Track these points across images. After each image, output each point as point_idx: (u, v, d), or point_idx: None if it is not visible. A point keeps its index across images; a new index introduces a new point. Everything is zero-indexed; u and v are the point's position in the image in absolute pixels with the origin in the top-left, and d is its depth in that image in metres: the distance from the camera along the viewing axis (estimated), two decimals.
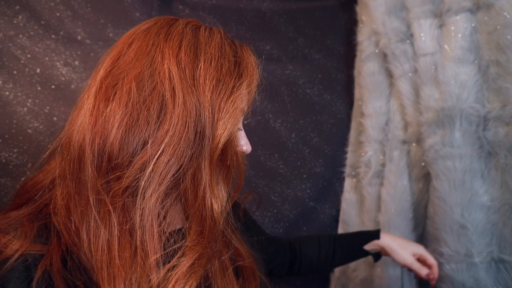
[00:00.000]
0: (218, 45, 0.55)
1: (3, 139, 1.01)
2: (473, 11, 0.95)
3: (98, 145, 0.49)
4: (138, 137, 0.48)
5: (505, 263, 0.90)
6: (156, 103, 0.49)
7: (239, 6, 1.25)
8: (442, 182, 0.97)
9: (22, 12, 1.03)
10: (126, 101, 0.49)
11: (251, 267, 0.65)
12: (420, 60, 1.04)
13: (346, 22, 1.34)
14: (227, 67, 0.53)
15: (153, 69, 0.50)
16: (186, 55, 0.51)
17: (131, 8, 1.14)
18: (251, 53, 0.59)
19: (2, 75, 1.01)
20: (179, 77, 0.50)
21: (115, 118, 0.48)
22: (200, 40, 0.54)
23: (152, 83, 0.49)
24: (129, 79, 0.50)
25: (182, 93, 0.49)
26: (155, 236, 0.48)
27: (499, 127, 0.90)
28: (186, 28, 0.55)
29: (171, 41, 0.52)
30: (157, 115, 0.48)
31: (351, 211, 1.27)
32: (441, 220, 0.97)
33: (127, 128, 0.48)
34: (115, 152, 0.48)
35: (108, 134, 0.48)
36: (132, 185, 0.48)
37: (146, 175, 0.47)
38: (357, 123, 1.29)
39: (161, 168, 0.48)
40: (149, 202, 0.48)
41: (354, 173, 1.28)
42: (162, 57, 0.51)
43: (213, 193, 0.51)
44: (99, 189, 0.48)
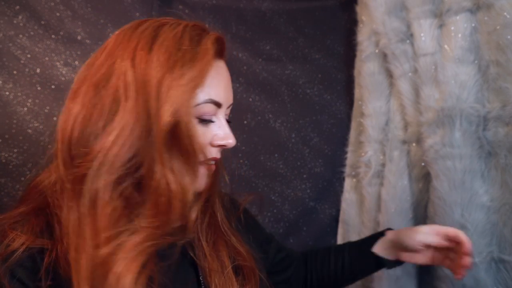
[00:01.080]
0: (175, 36, 0.56)
1: (3, 139, 1.01)
2: (473, 11, 0.95)
3: (63, 141, 0.54)
4: (92, 131, 0.52)
5: (505, 263, 0.89)
6: (110, 100, 0.53)
7: (239, 6, 1.25)
8: (442, 182, 0.97)
9: (22, 12, 1.03)
10: (83, 101, 0.54)
11: (250, 266, 0.65)
12: (420, 60, 1.04)
13: (346, 22, 1.34)
14: (178, 56, 0.54)
15: (112, 69, 0.54)
16: (141, 50, 0.54)
17: (131, 8, 1.14)
18: (213, 41, 0.59)
19: (2, 75, 1.01)
20: (132, 72, 0.53)
21: (74, 115, 0.54)
22: (158, 34, 0.56)
23: (109, 82, 0.53)
24: (90, 81, 0.54)
25: (134, 87, 0.52)
26: (106, 218, 0.51)
27: (499, 127, 0.90)
28: (150, 26, 0.57)
29: (130, 41, 0.55)
30: (109, 110, 0.52)
31: (351, 211, 1.27)
32: (441, 220, 0.97)
33: (83, 123, 0.53)
34: (73, 145, 0.53)
35: (71, 130, 0.53)
36: (85, 173, 0.51)
37: (96, 165, 0.51)
38: (357, 123, 1.29)
39: (110, 158, 0.51)
40: (99, 188, 0.51)
41: (354, 173, 1.28)
42: (122, 56, 0.54)
43: (170, 180, 0.53)
44: (64, 179, 0.53)
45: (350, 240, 1.27)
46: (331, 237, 1.32)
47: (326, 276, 0.84)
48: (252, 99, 1.26)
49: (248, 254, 0.67)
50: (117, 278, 0.49)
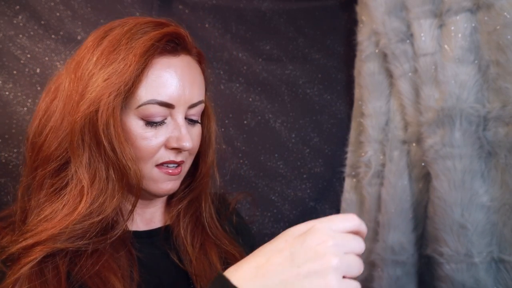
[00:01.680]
0: (120, 33, 0.56)
1: (3, 139, 1.01)
2: (473, 11, 0.95)
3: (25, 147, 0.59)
4: (38, 126, 0.57)
5: (505, 263, 0.89)
6: (54, 96, 0.57)
7: (239, 6, 1.25)
8: (442, 182, 0.97)
9: (22, 12, 1.03)
10: (41, 103, 0.60)
11: None
12: (420, 60, 1.04)
13: (346, 22, 1.34)
14: (114, 51, 0.54)
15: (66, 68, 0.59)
16: (90, 47, 0.56)
17: (131, 8, 1.14)
18: (159, 37, 0.56)
19: (2, 75, 1.01)
20: (73, 67, 0.57)
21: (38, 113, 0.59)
22: (110, 33, 0.57)
23: (59, 78, 0.59)
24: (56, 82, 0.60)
25: (69, 80, 0.56)
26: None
27: (499, 127, 0.90)
28: (113, 26, 0.59)
29: (91, 42, 0.58)
30: (53, 108, 0.57)
31: (351, 211, 1.27)
32: (441, 220, 0.97)
33: (36, 124, 0.58)
34: (26, 146, 0.59)
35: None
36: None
37: (27, 158, 0.57)
38: (357, 123, 1.29)
39: (41, 150, 0.55)
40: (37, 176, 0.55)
41: (354, 173, 1.28)
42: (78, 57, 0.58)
43: (79, 170, 0.54)
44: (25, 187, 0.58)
45: None
46: None
47: None
48: (252, 99, 1.26)
49: (241, 255, 0.65)
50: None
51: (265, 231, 1.26)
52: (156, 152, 0.57)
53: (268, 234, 1.26)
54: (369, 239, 1.19)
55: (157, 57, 0.55)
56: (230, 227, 0.72)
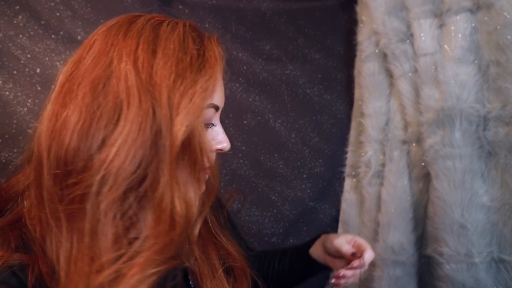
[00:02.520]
0: (179, 39, 0.52)
1: (3, 139, 1.01)
2: (473, 11, 0.95)
3: (54, 152, 0.47)
4: (92, 142, 0.46)
5: (505, 263, 0.89)
6: (111, 106, 0.47)
7: (239, 6, 1.25)
8: (442, 182, 0.97)
9: (22, 12, 1.03)
10: (80, 106, 0.47)
11: (241, 266, 0.64)
12: (420, 60, 1.04)
13: (346, 22, 1.34)
14: (187, 61, 0.50)
15: (110, 71, 0.48)
16: (144, 52, 0.49)
17: (131, 8, 1.14)
18: (216, 44, 0.56)
19: (2, 75, 1.01)
20: (135, 76, 0.48)
21: (70, 124, 0.47)
22: (159, 36, 0.52)
23: (108, 85, 0.48)
24: (85, 84, 0.48)
25: (138, 93, 0.47)
26: (108, 241, 0.46)
27: (499, 127, 0.90)
28: (147, 25, 0.53)
29: (129, 40, 0.50)
30: (111, 118, 0.47)
31: (351, 211, 1.27)
32: (441, 220, 0.97)
33: (81, 134, 0.46)
34: (69, 158, 0.46)
35: (63, 140, 0.47)
36: (86, 191, 0.45)
37: (98, 180, 0.45)
38: (357, 123, 1.29)
39: (113, 172, 0.45)
40: (101, 207, 0.45)
41: (354, 173, 1.28)
42: (119, 57, 0.49)
43: (175, 195, 0.48)
44: (55, 197, 0.47)
45: None
46: None
47: (270, 277, 0.83)
48: (252, 99, 1.26)
49: (239, 254, 0.64)
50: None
51: (265, 231, 1.26)
52: (210, 156, 0.56)
53: (268, 234, 1.26)
54: (369, 239, 1.20)
55: None
56: (227, 223, 0.72)
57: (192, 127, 0.48)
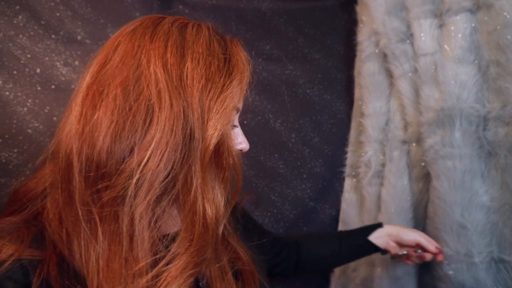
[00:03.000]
0: (205, 43, 0.53)
1: (3, 139, 1.01)
2: (473, 11, 0.95)
3: (85, 154, 0.47)
4: (125, 144, 0.46)
5: (505, 263, 0.89)
6: (142, 109, 0.47)
7: (239, 6, 1.25)
8: (442, 182, 0.97)
9: (22, 12, 1.03)
10: (112, 108, 0.47)
11: (250, 270, 0.64)
12: (420, 60, 1.04)
13: (346, 22, 1.34)
14: (216, 65, 0.51)
15: (139, 73, 0.48)
16: (172, 55, 0.50)
17: (131, 8, 1.14)
18: (241, 48, 0.57)
19: (2, 75, 1.01)
20: (165, 79, 0.48)
21: (102, 126, 0.47)
22: (186, 39, 0.52)
23: (138, 88, 0.48)
24: (115, 85, 0.48)
25: (169, 96, 0.47)
26: (145, 244, 0.47)
27: (499, 127, 0.90)
28: (172, 27, 0.53)
29: (156, 42, 0.50)
30: (143, 121, 0.47)
31: (351, 211, 1.27)
32: (441, 220, 0.97)
33: (114, 136, 0.47)
34: (102, 161, 0.47)
35: (95, 143, 0.47)
36: (121, 194, 0.46)
37: (133, 183, 0.45)
38: (357, 123, 1.29)
39: (148, 175, 0.46)
40: (138, 210, 0.46)
41: (354, 173, 1.28)
42: (148, 59, 0.49)
43: (206, 198, 0.49)
44: (88, 200, 0.47)
45: None
46: None
47: (319, 260, 0.91)
48: (252, 99, 1.26)
49: (248, 258, 0.65)
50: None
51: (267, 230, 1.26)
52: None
53: None
54: None
55: None
56: (238, 225, 0.72)
57: (224, 131, 0.50)
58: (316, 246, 0.92)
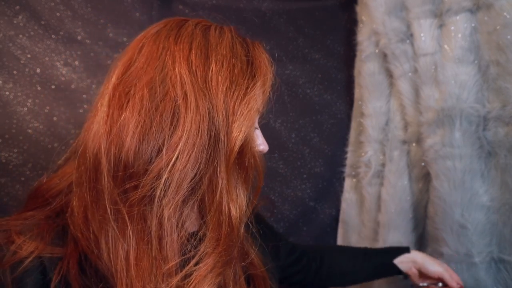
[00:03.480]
0: (229, 45, 0.53)
1: (3, 139, 1.01)
2: (473, 11, 0.95)
3: (113, 154, 0.48)
4: (153, 145, 0.47)
5: (505, 263, 0.89)
6: (169, 109, 0.48)
7: (239, 6, 1.25)
8: (442, 182, 0.97)
9: (22, 12, 1.03)
10: (139, 109, 0.48)
11: (262, 276, 0.64)
12: (420, 60, 1.04)
13: (346, 22, 1.34)
14: (239, 67, 0.52)
15: (164, 74, 0.49)
16: (197, 57, 0.50)
17: (131, 8, 1.14)
18: (263, 50, 0.58)
19: (2, 75, 1.01)
20: (191, 81, 0.48)
21: (129, 126, 0.47)
22: (210, 41, 0.53)
23: (164, 88, 0.48)
24: (141, 86, 0.49)
25: (194, 97, 0.48)
26: (174, 244, 0.48)
27: (499, 127, 0.90)
28: (196, 29, 0.54)
29: (181, 44, 0.51)
30: (170, 121, 0.48)
31: (351, 211, 1.27)
32: (441, 220, 0.97)
33: (141, 136, 0.47)
34: (130, 161, 0.47)
35: (123, 143, 0.47)
36: (149, 194, 0.47)
37: (162, 183, 0.46)
38: (357, 123, 1.29)
39: (176, 175, 0.47)
40: (167, 211, 0.47)
41: (354, 173, 1.28)
42: (173, 61, 0.50)
43: (231, 198, 0.50)
44: (116, 199, 0.48)
45: (351, 240, 1.27)
46: (331, 237, 1.32)
47: (339, 274, 0.89)
48: None
49: (260, 263, 0.64)
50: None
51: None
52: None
53: None
54: (369, 239, 1.20)
55: None
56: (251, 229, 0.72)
57: (248, 133, 0.51)
58: (340, 259, 0.91)
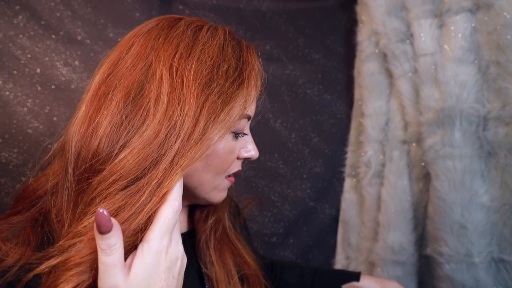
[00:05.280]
0: (218, 46, 0.51)
1: (3, 139, 1.01)
2: (473, 11, 0.95)
3: (82, 158, 0.46)
4: (115, 147, 0.45)
5: (505, 263, 0.90)
6: (138, 112, 0.46)
7: (239, 6, 1.25)
8: (442, 182, 0.97)
9: (22, 12, 1.03)
10: (112, 113, 0.46)
11: (256, 275, 0.63)
12: (420, 60, 1.04)
13: (346, 22, 1.34)
14: (224, 69, 0.49)
15: (146, 77, 0.47)
16: (181, 56, 0.48)
17: (131, 8, 1.14)
18: (256, 57, 0.55)
19: (2, 75, 1.01)
20: (168, 81, 0.46)
21: (100, 130, 0.46)
22: (198, 39, 0.50)
23: (143, 91, 0.46)
24: (121, 88, 0.47)
25: (167, 97, 0.45)
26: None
27: (499, 127, 0.90)
28: (187, 30, 0.51)
29: (168, 44, 0.49)
30: (135, 125, 0.45)
31: (351, 211, 1.27)
32: (441, 220, 0.97)
33: (108, 140, 0.45)
34: (94, 161, 0.46)
35: (92, 145, 0.46)
36: (96, 192, 0.44)
37: (101, 176, 0.44)
38: (357, 123, 1.29)
39: (117, 172, 0.44)
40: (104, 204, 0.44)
41: (354, 173, 1.28)
42: (157, 62, 0.48)
43: (161, 203, 0.46)
44: (75, 200, 0.46)
45: (351, 240, 1.27)
46: (331, 237, 1.32)
47: (287, 285, 0.84)
48: None
49: (254, 262, 0.64)
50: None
51: (265, 231, 1.26)
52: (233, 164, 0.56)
53: (268, 234, 1.26)
54: (369, 239, 1.20)
55: None
56: (243, 229, 0.72)
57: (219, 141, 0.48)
58: (290, 275, 0.85)
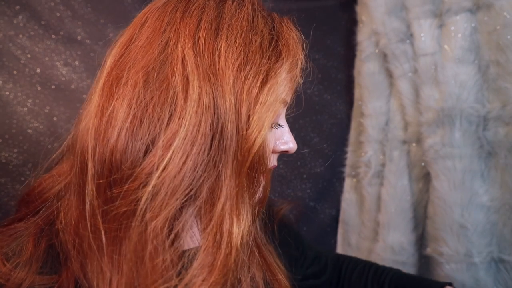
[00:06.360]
0: (247, 18, 0.43)
1: (3, 139, 1.01)
2: (473, 11, 0.95)
3: (99, 154, 0.38)
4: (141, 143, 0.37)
5: (505, 263, 0.90)
6: (165, 99, 0.38)
7: None
8: (442, 182, 0.97)
9: (22, 12, 1.03)
10: (130, 98, 0.38)
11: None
12: (420, 60, 1.04)
13: (346, 22, 1.34)
14: (258, 44, 0.41)
15: (165, 55, 0.40)
16: (206, 33, 0.40)
17: (131, 8, 1.14)
18: (293, 27, 0.45)
19: (2, 75, 1.01)
20: (195, 62, 0.39)
21: (118, 119, 0.38)
22: (224, 14, 0.43)
23: (163, 73, 0.39)
24: (137, 70, 0.39)
25: (198, 82, 0.38)
26: (156, 274, 0.36)
27: (499, 127, 0.90)
28: (210, 0, 0.44)
29: (189, 18, 0.41)
30: (165, 114, 0.37)
31: (351, 211, 1.27)
32: (441, 220, 0.97)
33: (129, 133, 0.37)
34: (115, 164, 0.37)
35: (109, 140, 0.38)
36: (132, 208, 0.36)
37: (147, 192, 0.36)
38: (357, 123, 1.29)
39: (167, 182, 0.36)
40: (150, 228, 0.36)
41: (354, 173, 1.28)
42: (177, 38, 0.40)
43: (235, 213, 0.39)
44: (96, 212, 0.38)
45: (351, 240, 1.26)
46: (331, 237, 1.32)
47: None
48: None
49: (284, 278, 0.54)
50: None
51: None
52: (271, 159, 0.47)
53: None
54: (369, 239, 1.20)
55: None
56: (273, 237, 0.62)
57: (267, 129, 0.40)
58: (359, 276, 0.74)
